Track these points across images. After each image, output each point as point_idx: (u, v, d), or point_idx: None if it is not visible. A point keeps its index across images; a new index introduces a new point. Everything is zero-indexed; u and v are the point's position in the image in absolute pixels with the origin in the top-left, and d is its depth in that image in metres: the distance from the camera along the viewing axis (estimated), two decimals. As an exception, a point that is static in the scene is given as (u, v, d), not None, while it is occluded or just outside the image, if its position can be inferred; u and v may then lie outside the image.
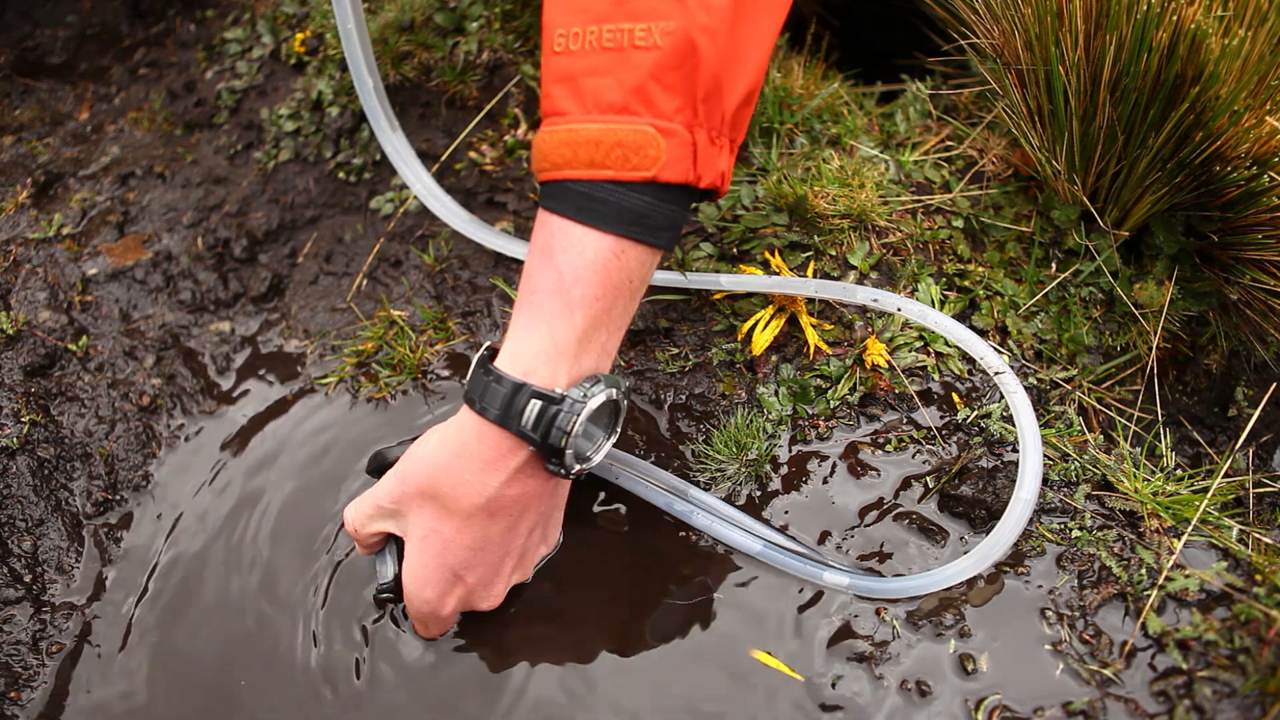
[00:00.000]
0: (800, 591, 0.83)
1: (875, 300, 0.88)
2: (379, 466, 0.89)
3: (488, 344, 0.78)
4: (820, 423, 0.92)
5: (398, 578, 0.84)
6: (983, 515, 0.84)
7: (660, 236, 0.74)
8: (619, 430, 0.83)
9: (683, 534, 0.89)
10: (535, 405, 0.73)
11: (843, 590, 0.82)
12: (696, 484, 0.92)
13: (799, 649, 0.80)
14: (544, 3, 0.75)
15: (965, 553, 0.80)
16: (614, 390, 0.77)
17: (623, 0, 0.69)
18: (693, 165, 0.71)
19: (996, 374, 0.84)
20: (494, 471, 0.76)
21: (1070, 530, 0.82)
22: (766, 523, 0.88)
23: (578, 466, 0.77)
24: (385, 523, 0.81)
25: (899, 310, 0.87)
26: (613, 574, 0.88)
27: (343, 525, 0.87)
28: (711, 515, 0.87)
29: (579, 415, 0.73)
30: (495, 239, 1.07)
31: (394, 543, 0.86)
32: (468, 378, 0.77)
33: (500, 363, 0.75)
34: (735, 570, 0.86)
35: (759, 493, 0.90)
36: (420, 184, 1.10)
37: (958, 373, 0.93)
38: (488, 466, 0.76)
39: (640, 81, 0.69)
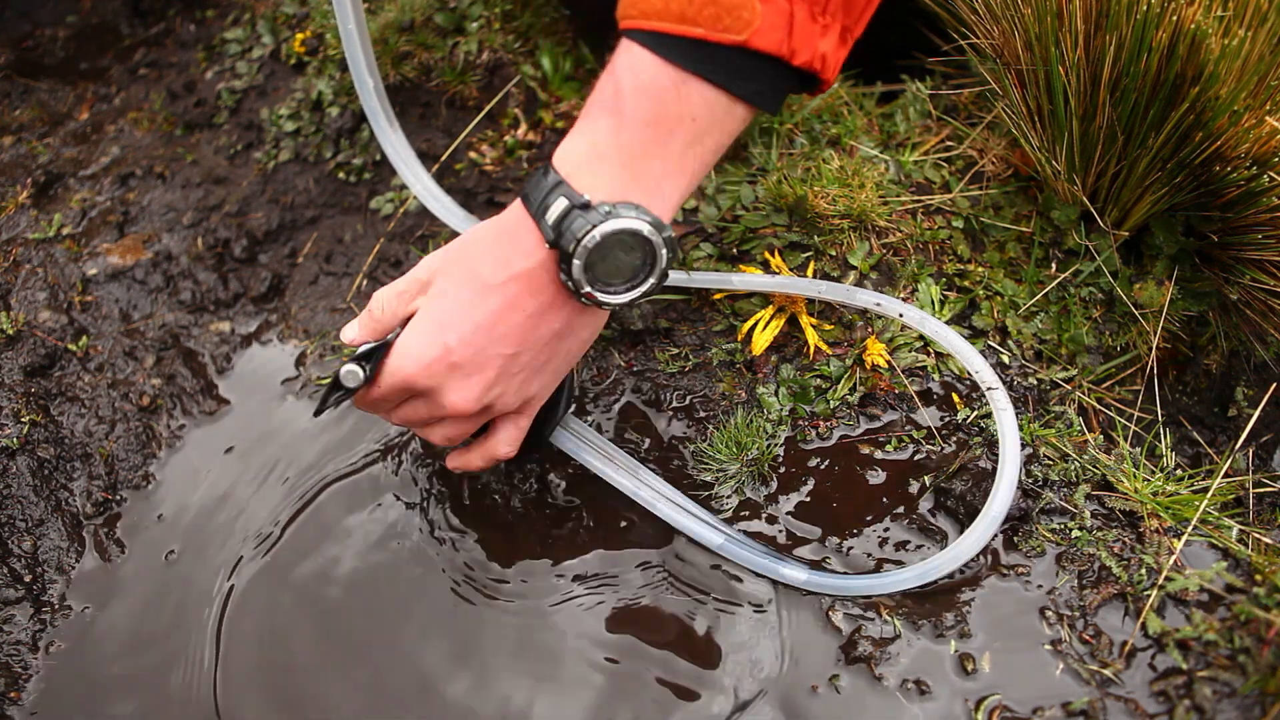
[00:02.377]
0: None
1: (878, 304, 0.89)
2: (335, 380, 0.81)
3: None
4: (820, 422, 0.93)
5: (363, 384, 0.78)
6: (964, 514, 0.84)
7: (736, 83, 0.70)
8: (652, 281, 0.76)
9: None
10: (562, 203, 0.71)
11: (800, 585, 0.82)
12: (697, 484, 0.92)
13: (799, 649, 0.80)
14: None
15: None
16: (646, 225, 0.71)
17: None
18: (788, 36, 0.68)
19: (989, 389, 0.84)
20: (519, 255, 0.74)
21: (1070, 530, 0.82)
22: (740, 529, 0.88)
23: (587, 288, 0.73)
24: (416, 300, 0.78)
25: (900, 316, 0.88)
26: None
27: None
28: (674, 506, 0.88)
29: (595, 226, 0.70)
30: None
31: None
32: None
33: (555, 159, 0.74)
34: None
35: (761, 492, 0.90)
36: (420, 185, 1.10)
37: (958, 373, 0.93)
38: (516, 248, 0.74)
39: None
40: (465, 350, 0.76)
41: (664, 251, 0.74)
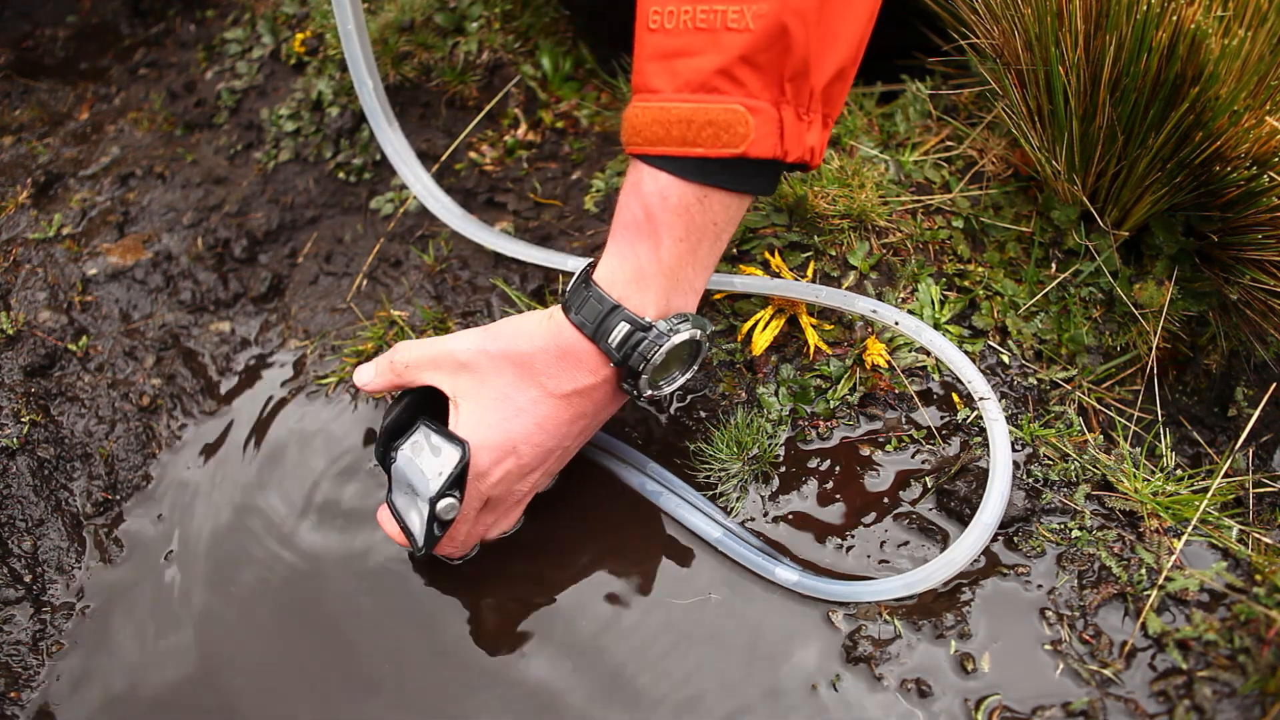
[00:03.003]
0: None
1: (875, 311, 0.89)
2: (390, 435, 0.84)
3: (590, 261, 0.81)
4: (820, 422, 0.93)
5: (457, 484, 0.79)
6: (969, 515, 0.84)
7: (746, 184, 0.77)
8: (695, 369, 0.86)
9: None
10: (624, 328, 0.77)
11: (791, 587, 0.83)
12: (699, 484, 0.92)
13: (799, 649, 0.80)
14: None
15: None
16: (699, 331, 0.81)
17: None
18: (779, 141, 0.74)
19: (981, 399, 0.85)
20: (583, 372, 0.80)
21: (1070, 530, 0.82)
22: (740, 524, 0.89)
23: (649, 392, 0.82)
24: (438, 375, 0.83)
25: (896, 323, 0.88)
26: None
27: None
28: (678, 498, 0.90)
29: (662, 346, 0.78)
30: (494, 239, 1.07)
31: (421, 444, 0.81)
32: (568, 288, 0.81)
33: (598, 279, 0.79)
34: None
35: (762, 491, 0.90)
36: (420, 185, 1.11)
37: (955, 375, 0.93)
38: (579, 365, 0.80)
39: (730, 62, 0.71)
40: (533, 455, 0.83)
41: (707, 344, 0.84)
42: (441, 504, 0.79)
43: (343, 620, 0.89)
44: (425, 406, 0.85)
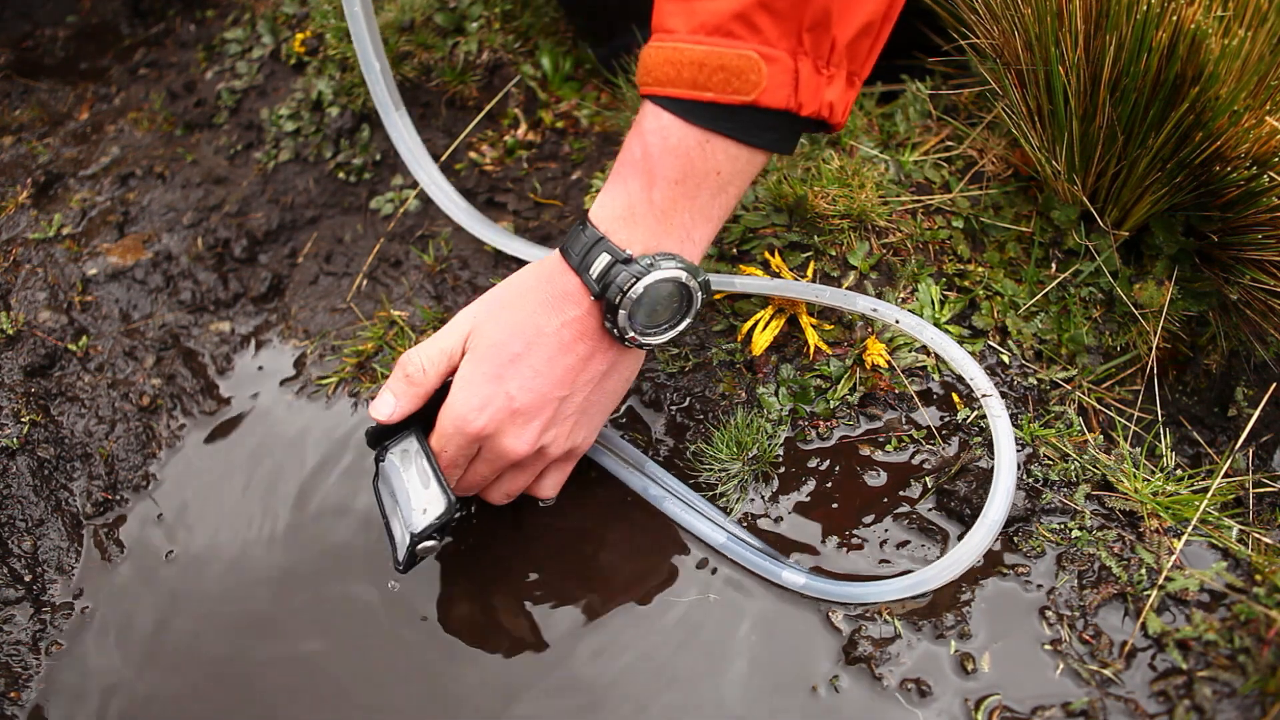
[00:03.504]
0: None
1: (874, 310, 0.89)
2: (380, 434, 0.83)
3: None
4: (820, 422, 0.92)
5: (445, 524, 0.77)
6: (970, 515, 0.84)
7: (754, 136, 0.75)
8: (687, 321, 0.83)
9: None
10: (605, 258, 0.77)
11: (798, 589, 0.83)
12: (699, 485, 0.92)
13: (799, 649, 0.80)
14: None
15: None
16: (684, 273, 0.78)
17: None
18: (794, 92, 0.72)
19: (984, 396, 0.84)
20: (570, 305, 0.79)
21: (1070, 530, 0.82)
22: (739, 524, 0.89)
23: (631, 334, 0.79)
24: (458, 349, 0.81)
25: (897, 322, 0.88)
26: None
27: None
28: (681, 504, 0.90)
29: (639, 279, 0.76)
30: (497, 236, 1.07)
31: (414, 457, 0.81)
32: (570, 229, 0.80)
33: (592, 215, 0.79)
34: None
35: (763, 491, 0.90)
36: (424, 173, 1.10)
37: (957, 373, 0.93)
38: (566, 298, 0.79)
39: (747, 6, 0.70)
40: (525, 395, 0.80)
41: (699, 294, 0.81)
42: (422, 545, 0.78)
43: (341, 620, 0.89)
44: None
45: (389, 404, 0.81)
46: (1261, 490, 0.93)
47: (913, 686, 0.76)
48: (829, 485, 0.89)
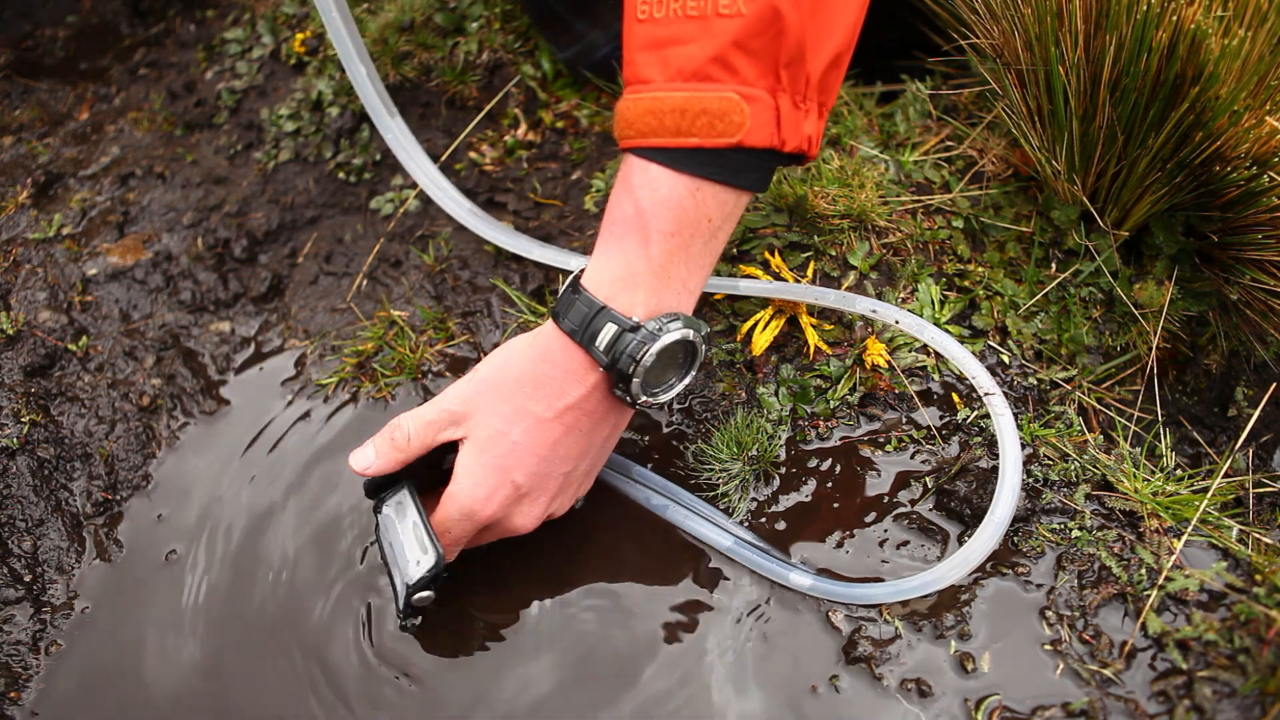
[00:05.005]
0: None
1: (874, 311, 0.89)
2: (378, 485, 0.84)
3: (581, 267, 0.79)
4: (820, 422, 0.92)
5: (434, 575, 0.78)
6: (970, 515, 0.84)
7: (741, 178, 0.75)
8: (693, 374, 0.83)
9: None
10: (611, 329, 0.75)
11: (805, 591, 0.82)
12: (700, 485, 0.92)
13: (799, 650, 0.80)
14: None
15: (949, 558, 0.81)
16: (691, 331, 0.78)
17: None
18: (776, 130, 0.72)
19: (986, 394, 0.84)
20: (573, 382, 0.78)
21: (1070, 530, 0.82)
22: (741, 524, 0.89)
23: (643, 398, 0.79)
24: (446, 430, 0.80)
25: (897, 322, 0.88)
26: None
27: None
28: (686, 510, 0.89)
29: (650, 347, 0.75)
30: (494, 231, 1.07)
31: (407, 511, 0.81)
32: (558, 295, 0.79)
33: (585, 282, 0.77)
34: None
35: (763, 491, 0.90)
36: (424, 176, 1.10)
37: (958, 373, 0.93)
38: (568, 376, 0.78)
39: (723, 49, 0.70)
40: (531, 480, 0.80)
41: (703, 347, 0.81)
42: (417, 596, 0.80)
43: (339, 621, 0.89)
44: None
45: (368, 458, 0.80)
46: (1261, 490, 0.93)
47: (913, 686, 0.76)
48: (829, 485, 0.89)
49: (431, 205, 1.22)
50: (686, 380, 0.83)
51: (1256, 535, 0.80)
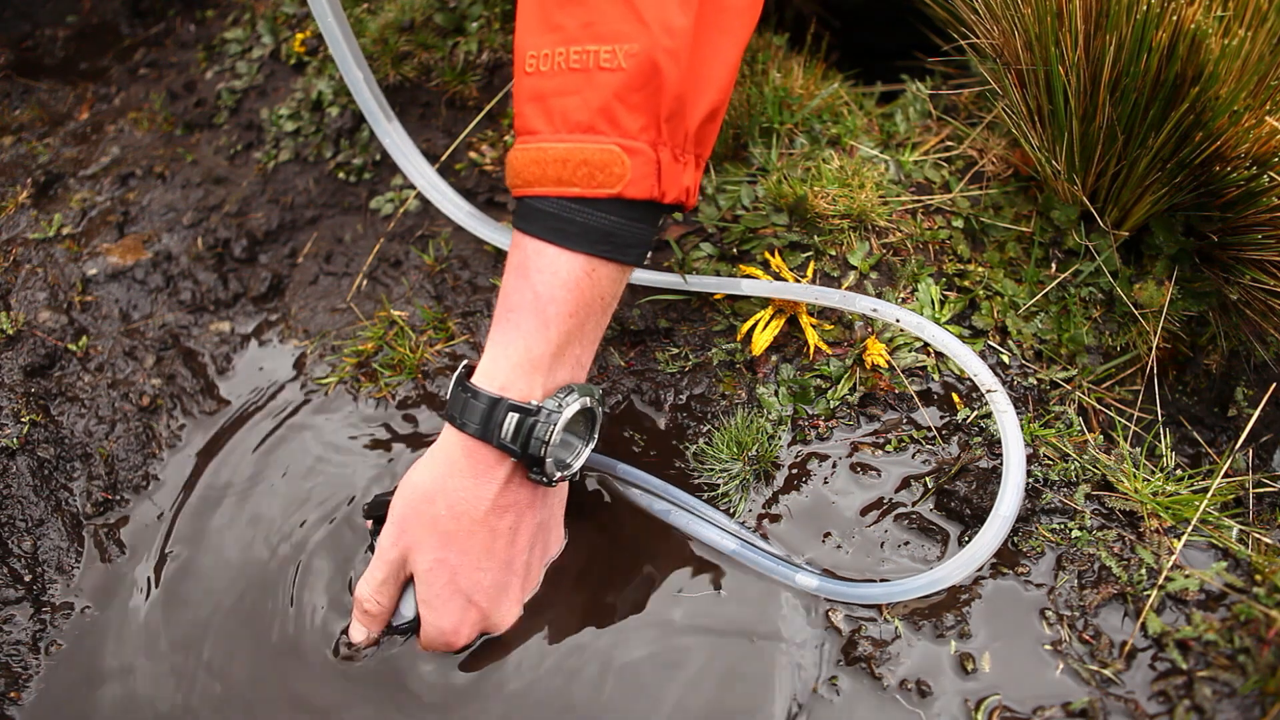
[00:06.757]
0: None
1: (875, 310, 0.89)
2: (378, 506, 0.87)
3: (465, 363, 0.80)
4: (820, 423, 0.92)
5: (417, 616, 0.83)
6: (970, 515, 0.84)
7: (629, 254, 0.77)
8: (596, 437, 0.85)
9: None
10: (513, 418, 0.75)
11: (812, 592, 0.82)
12: (700, 485, 0.92)
13: (800, 650, 0.80)
14: (516, 25, 0.77)
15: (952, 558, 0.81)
16: (588, 399, 0.80)
17: (589, 23, 0.72)
18: (657, 182, 0.74)
19: (989, 391, 0.84)
20: (485, 483, 0.78)
21: (1070, 530, 0.82)
22: (742, 524, 0.88)
23: (559, 474, 0.80)
24: (401, 573, 0.82)
25: (898, 321, 0.88)
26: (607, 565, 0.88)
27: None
28: (689, 513, 0.89)
29: (555, 425, 0.76)
30: (494, 232, 1.07)
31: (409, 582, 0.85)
32: (448, 396, 0.79)
33: (477, 379, 0.78)
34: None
35: (763, 491, 0.90)
36: (422, 178, 1.10)
37: (958, 373, 0.93)
38: (479, 480, 0.78)
39: (605, 102, 0.72)
40: (487, 593, 0.81)
41: (599, 410, 0.83)
42: (398, 629, 0.85)
43: (336, 621, 0.89)
44: None
45: (362, 634, 0.84)
46: (1261, 490, 0.93)
47: (913, 686, 0.76)
48: (829, 485, 0.89)
49: (431, 205, 1.22)
50: (592, 445, 0.85)
51: (1256, 535, 0.80)
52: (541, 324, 0.76)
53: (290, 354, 1.14)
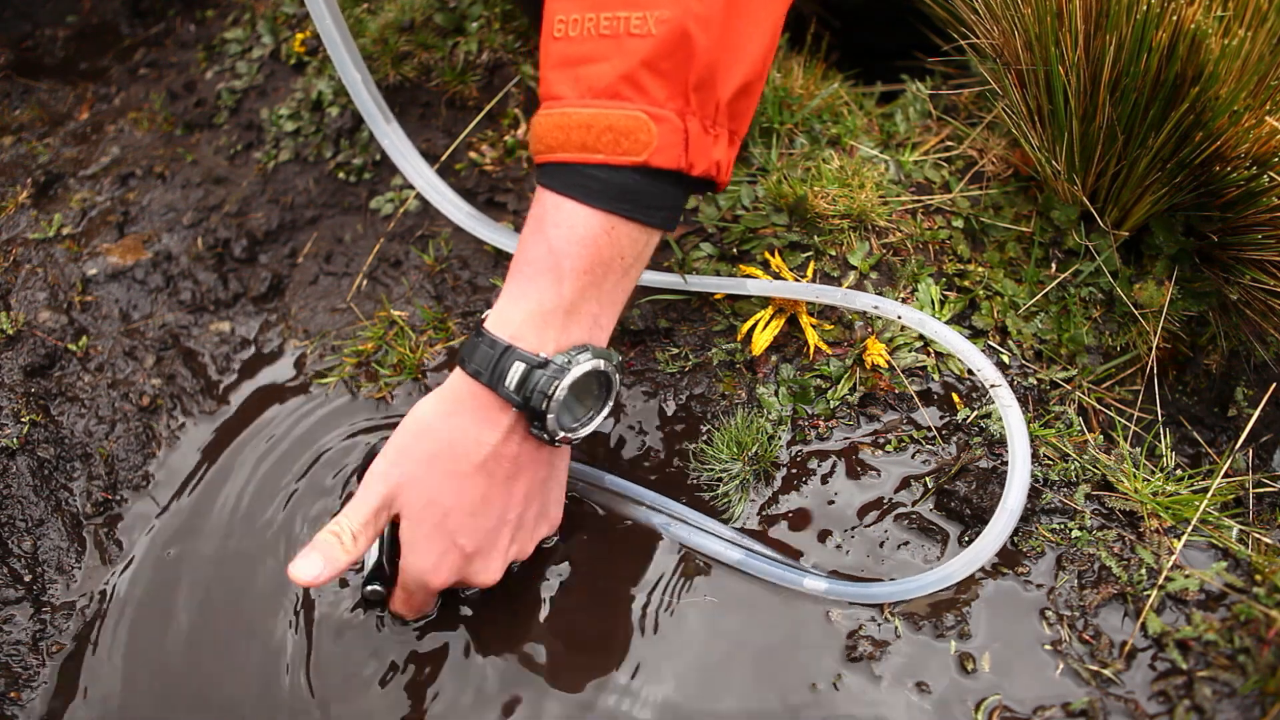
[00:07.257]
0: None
1: (876, 307, 0.89)
2: (374, 457, 0.84)
3: (487, 311, 0.79)
4: (820, 423, 0.92)
5: (379, 565, 0.84)
6: (970, 515, 0.84)
7: (653, 215, 0.75)
8: (610, 405, 0.83)
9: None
10: (519, 368, 0.74)
11: (821, 594, 0.82)
12: (700, 485, 0.92)
13: (799, 650, 0.80)
14: None
15: (956, 556, 0.81)
16: (602, 361, 0.77)
17: None
18: (684, 152, 0.72)
19: (993, 386, 0.84)
20: (488, 428, 0.77)
21: (1070, 530, 0.82)
22: (741, 528, 0.88)
23: (561, 434, 0.78)
24: (385, 514, 0.79)
25: (899, 318, 0.88)
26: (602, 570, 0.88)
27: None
28: (689, 527, 0.88)
29: (561, 381, 0.74)
30: (493, 233, 1.07)
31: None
32: (463, 343, 0.78)
33: (490, 324, 0.76)
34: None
35: (763, 492, 0.90)
36: (421, 179, 1.10)
37: (958, 373, 0.93)
38: (481, 423, 0.77)
39: (633, 68, 0.70)
40: (474, 538, 0.79)
41: (616, 377, 0.81)
42: (368, 588, 0.85)
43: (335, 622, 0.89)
44: None
45: (315, 568, 0.74)
46: (1261, 490, 0.93)
47: (913, 687, 0.76)
48: (829, 485, 0.89)
49: (431, 205, 1.22)
50: (605, 412, 0.83)
51: (1256, 535, 0.80)
52: (555, 278, 0.74)
53: (290, 354, 1.14)
